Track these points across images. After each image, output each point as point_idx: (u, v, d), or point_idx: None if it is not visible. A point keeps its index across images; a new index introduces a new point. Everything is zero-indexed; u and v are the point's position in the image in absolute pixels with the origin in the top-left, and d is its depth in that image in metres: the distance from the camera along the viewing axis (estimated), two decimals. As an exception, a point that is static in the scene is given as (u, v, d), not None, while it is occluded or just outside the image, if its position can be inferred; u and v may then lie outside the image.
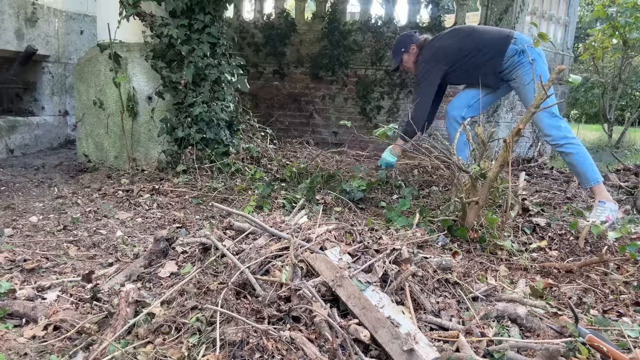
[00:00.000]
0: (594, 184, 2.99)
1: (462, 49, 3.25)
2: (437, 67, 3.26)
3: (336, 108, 6.60)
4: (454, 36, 3.35)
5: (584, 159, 2.98)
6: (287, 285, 1.49)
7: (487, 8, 5.86)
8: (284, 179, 3.56)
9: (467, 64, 3.24)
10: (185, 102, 3.70)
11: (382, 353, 1.35)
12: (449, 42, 3.31)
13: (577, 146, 2.98)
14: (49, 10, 5.17)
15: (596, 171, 3.00)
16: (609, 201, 2.94)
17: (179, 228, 2.60)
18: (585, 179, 3.02)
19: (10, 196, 3.25)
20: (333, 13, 6.31)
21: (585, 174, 3.00)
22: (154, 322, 1.45)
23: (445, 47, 3.29)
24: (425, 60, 3.31)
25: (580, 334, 1.47)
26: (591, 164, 2.99)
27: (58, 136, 5.46)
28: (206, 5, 3.70)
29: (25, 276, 1.98)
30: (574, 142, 2.99)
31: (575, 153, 2.98)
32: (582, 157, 2.98)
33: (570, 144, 2.98)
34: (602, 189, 2.99)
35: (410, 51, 3.43)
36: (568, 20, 6.89)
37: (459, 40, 3.30)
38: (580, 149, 2.99)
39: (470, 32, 3.34)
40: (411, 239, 2.01)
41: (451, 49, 3.27)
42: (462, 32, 3.38)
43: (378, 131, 3.20)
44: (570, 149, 2.98)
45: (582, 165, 2.99)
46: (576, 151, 2.98)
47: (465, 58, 3.24)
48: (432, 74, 3.27)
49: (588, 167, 2.98)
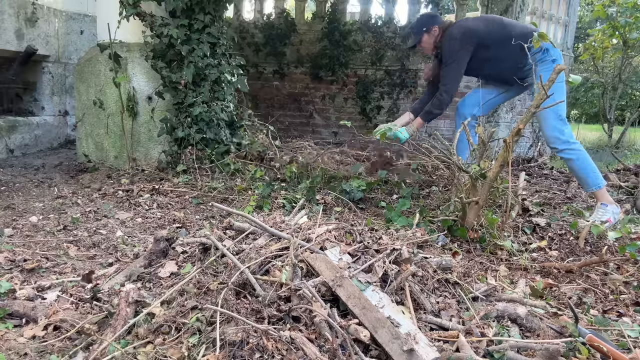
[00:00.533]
0: (595, 189, 2.96)
1: (491, 36, 3.13)
2: (466, 48, 3.13)
3: (336, 108, 6.60)
4: (483, 21, 3.24)
5: (585, 164, 2.94)
6: (287, 285, 1.49)
7: (487, 8, 5.86)
8: (284, 179, 3.56)
9: (493, 53, 3.13)
10: (185, 102, 3.70)
11: (382, 353, 1.35)
12: (480, 26, 3.18)
13: (578, 151, 2.94)
14: (49, 10, 5.17)
15: (598, 176, 2.96)
16: (611, 204, 2.93)
17: (179, 228, 2.60)
18: (586, 184, 2.99)
19: (10, 196, 3.25)
20: (333, 13, 6.31)
21: (586, 179, 2.96)
22: (154, 322, 1.45)
23: (476, 29, 3.15)
24: (454, 38, 3.15)
25: (580, 334, 1.47)
26: (592, 169, 2.95)
27: (58, 136, 5.46)
28: (206, 5, 3.70)
29: (25, 276, 1.98)
30: (575, 147, 2.94)
31: (576, 159, 2.94)
32: (583, 163, 2.94)
33: (570, 149, 2.94)
34: (603, 193, 2.96)
35: (432, 32, 3.29)
36: (568, 20, 6.89)
37: (488, 26, 3.17)
38: (581, 154, 2.94)
39: (500, 22, 3.21)
40: (411, 239, 2.01)
41: (481, 32, 3.14)
42: (492, 20, 3.26)
43: (378, 131, 3.20)
44: (571, 155, 2.95)
45: (583, 170, 2.95)
46: (576, 157, 2.94)
47: (492, 46, 3.12)
48: (461, 54, 3.14)
49: (589, 172, 2.94)
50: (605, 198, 2.95)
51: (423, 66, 6.11)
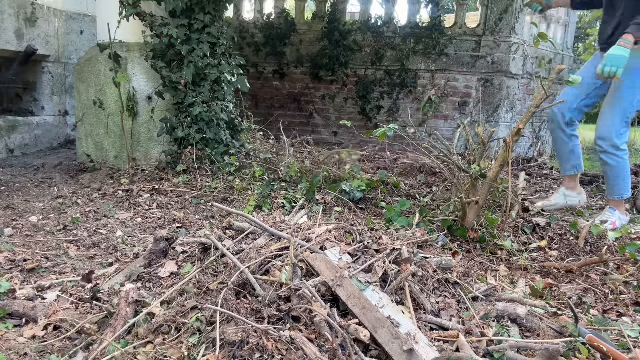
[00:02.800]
0: (618, 199, 2.92)
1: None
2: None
3: (336, 108, 6.60)
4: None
5: (623, 174, 2.87)
6: (287, 285, 1.49)
7: (487, 8, 5.87)
8: (284, 179, 3.56)
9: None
10: (185, 102, 3.70)
11: (382, 353, 1.35)
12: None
13: (621, 160, 2.85)
14: (49, 10, 5.17)
15: (627, 187, 2.91)
16: (621, 211, 2.92)
17: (179, 228, 2.60)
18: (610, 191, 2.96)
19: (10, 196, 3.25)
20: (333, 13, 6.31)
21: (614, 187, 2.92)
22: (154, 322, 1.45)
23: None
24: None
25: (580, 334, 1.47)
26: (625, 178, 2.89)
27: (58, 136, 5.46)
28: (206, 5, 3.70)
29: (25, 276, 1.98)
30: (621, 155, 2.84)
31: (616, 166, 2.86)
32: (622, 172, 2.87)
33: (616, 155, 2.84)
34: (620, 203, 2.94)
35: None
36: (568, 20, 6.89)
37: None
38: (623, 163, 2.86)
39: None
40: (411, 239, 2.01)
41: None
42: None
43: (378, 131, 3.20)
44: (613, 161, 2.85)
45: (615, 179, 2.90)
46: (617, 164, 2.86)
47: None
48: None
49: (621, 181, 2.89)
50: (620, 207, 2.94)
51: (423, 66, 6.11)
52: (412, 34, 6.10)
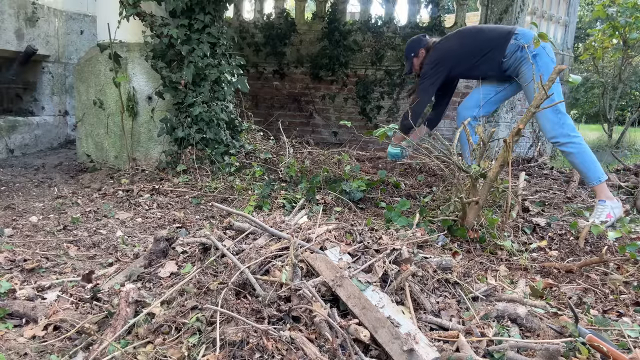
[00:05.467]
0: (596, 184, 2.95)
1: (465, 50, 3.34)
2: (439, 70, 3.38)
3: (336, 108, 6.60)
4: (458, 38, 3.46)
5: (586, 157, 2.94)
6: (287, 285, 1.49)
7: (487, 8, 5.87)
8: (284, 179, 3.56)
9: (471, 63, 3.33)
10: (185, 102, 3.70)
11: (382, 353, 1.35)
12: (453, 45, 3.42)
13: (579, 145, 2.93)
14: (49, 10, 5.17)
15: (598, 170, 2.95)
16: (610, 199, 2.92)
17: (179, 228, 2.60)
18: (587, 178, 3.00)
19: (10, 196, 3.25)
20: (333, 13, 6.31)
21: (587, 173, 2.97)
22: (154, 322, 1.45)
23: (449, 49, 3.41)
24: (430, 62, 3.43)
25: (580, 334, 1.46)
26: (593, 161, 2.94)
27: (58, 136, 5.46)
28: (206, 5, 3.70)
29: (25, 276, 1.98)
30: (576, 140, 2.93)
31: (576, 152, 2.94)
32: (583, 156, 2.94)
33: (571, 142, 2.93)
34: (603, 188, 2.95)
35: (419, 55, 3.55)
36: (568, 20, 6.89)
37: (462, 42, 3.40)
38: (582, 147, 2.94)
39: (475, 33, 3.46)
40: (411, 239, 2.01)
41: (454, 51, 3.38)
42: (467, 34, 3.51)
43: (378, 131, 3.20)
44: (571, 148, 2.94)
45: (584, 164, 2.95)
46: (577, 150, 2.93)
47: (468, 59, 3.33)
48: (435, 76, 3.41)
49: (590, 165, 2.94)
50: (604, 194, 2.94)
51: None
52: (412, 34, 6.08)
